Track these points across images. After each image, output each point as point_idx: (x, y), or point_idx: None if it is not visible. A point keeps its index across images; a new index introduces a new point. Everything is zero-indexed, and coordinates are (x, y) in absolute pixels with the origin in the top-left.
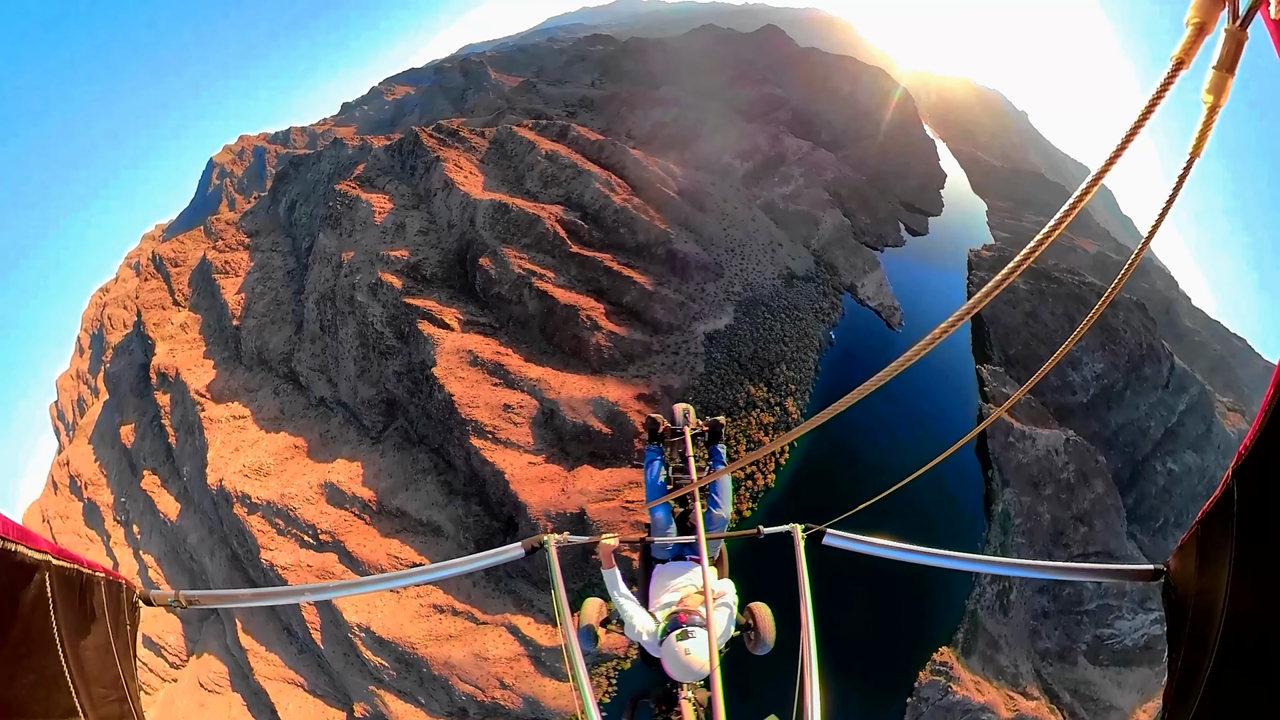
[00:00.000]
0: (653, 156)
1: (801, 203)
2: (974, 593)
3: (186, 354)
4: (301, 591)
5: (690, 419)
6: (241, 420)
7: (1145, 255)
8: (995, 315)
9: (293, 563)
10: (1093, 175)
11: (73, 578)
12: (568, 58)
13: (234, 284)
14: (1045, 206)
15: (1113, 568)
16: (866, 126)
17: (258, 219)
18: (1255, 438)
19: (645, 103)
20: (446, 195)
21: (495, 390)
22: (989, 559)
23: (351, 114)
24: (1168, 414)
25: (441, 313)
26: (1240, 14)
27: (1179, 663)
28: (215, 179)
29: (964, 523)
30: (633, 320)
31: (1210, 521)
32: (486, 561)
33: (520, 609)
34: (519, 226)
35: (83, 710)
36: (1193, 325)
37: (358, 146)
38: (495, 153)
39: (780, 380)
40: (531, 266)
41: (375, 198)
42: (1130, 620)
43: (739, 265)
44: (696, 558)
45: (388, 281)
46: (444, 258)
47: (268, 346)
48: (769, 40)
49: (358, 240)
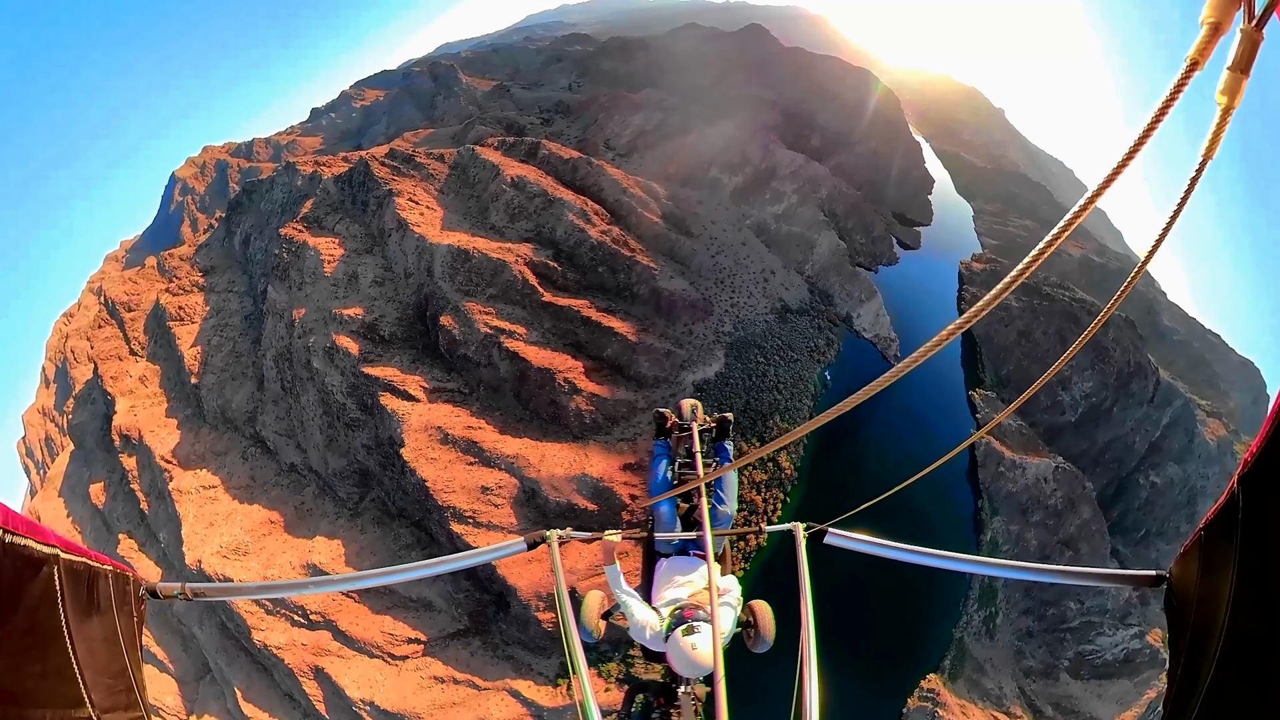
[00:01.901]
0: (633, 174)
1: (795, 223)
2: (961, 621)
3: (148, 412)
4: (305, 585)
5: (698, 415)
6: (212, 490)
7: (1126, 255)
8: (988, 334)
9: (286, 642)
10: (1105, 176)
11: (80, 571)
12: (544, 58)
13: (190, 333)
14: (1030, 208)
15: (1115, 572)
16: (855, 130)
17: (212, 253)
18: (1261, 446)
19: (625, 107)
20: (401, 238)
21: (471, 471)
22: (989, 560)
23: (319, 122)
24: (1152, 428)
25: (404, 382)
26: (1256, 14)
27: (1179, 669)
28: (178, 195)
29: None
30: (615, 376)
31: (1214, 529)
32: (489, 556)
33: (519, 673)
34: (482, 275)
35: (90, 701)
36: (1172, 324)
37: (308, 176)
38: (456, 180)
39: (774, 434)
40: (499, 323)
41: (324, 242)
42: (1111, 636)
43: (729, 299)
44: (701, 554)
45: (343, 347)
46: (402, 313)
47: (230, 405)
48: (754, 39)
49: (308, 294)
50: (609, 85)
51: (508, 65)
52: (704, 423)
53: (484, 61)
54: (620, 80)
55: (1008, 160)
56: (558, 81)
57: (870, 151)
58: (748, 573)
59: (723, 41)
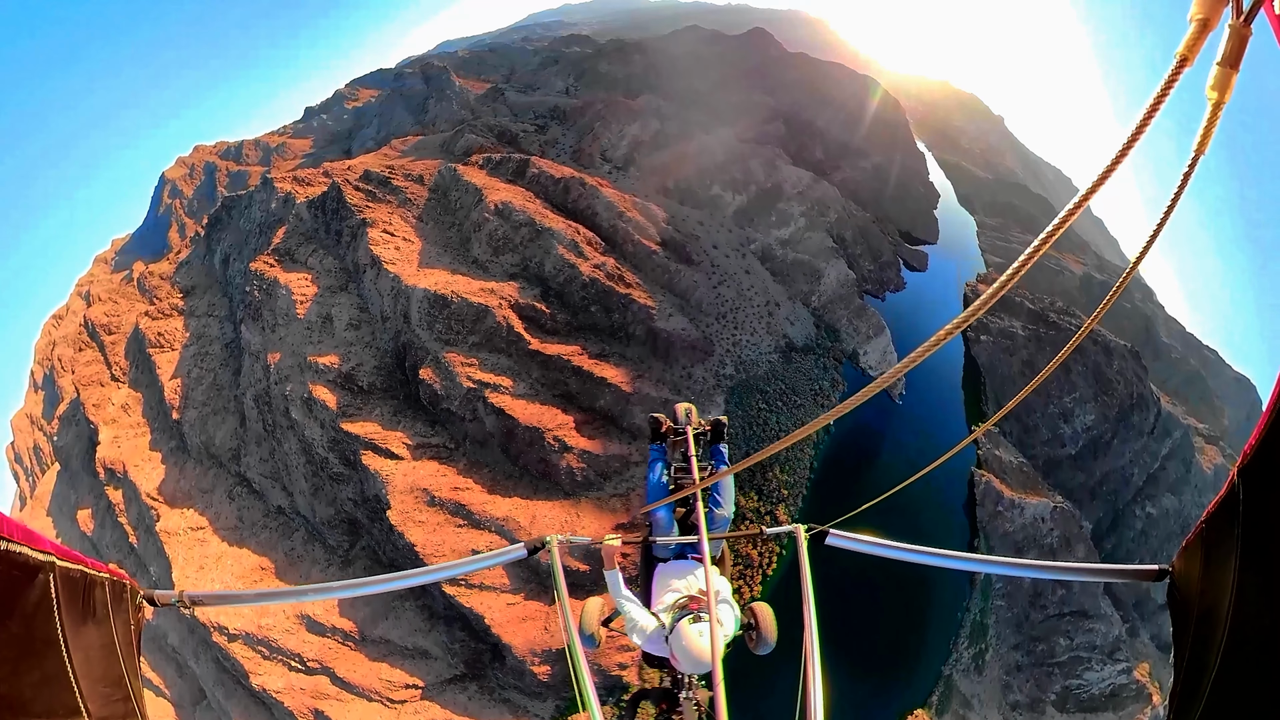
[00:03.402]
0: (630, 190)
1: (802, 249)
2: (950, 659)
3: (131, 444)
4: (305, 591)
5: (693, 418)
6: (200, 531)
7: (1124, 268)
8: (992, 364)
9: (284, 686)
10: (1100, 173)
11: (76, 578)
12: (541, 59)
13: (170, 361)
14: (1031, 222)
15: (1117, 567)
16: (860, 140)
17: (193, 270)
18: (1260, 438)
19: (623, 114)
20: (376, 276)
21: (460, 533)
22: (989, 559)
23: (310, 123)
24: (1151, 460)
25: (386, 440)
26: (1244, 9)
27: (1184, 663)
28: (166, 198)
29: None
30: (608, 428)
31: (1215, 521)
32: (491, 561)
33: (517, 715)
34: (463, 322)
35: (86, 709)
36: (1169, 340)
37: (282, 199)
38: (436, 205)
39: (773, 487)
40: (483, 377)
41: (296, 279)
42: (1098, 671)
43: (731, 337)
44: (698, 557)
45: (321, 399)
46: (380, 361)
47: (214, 441)
48: (757, 43)
49: (282, 338)
50: (606, 89)
51: (504, 66)
52: (699, 426)
53: (480, 62)
54: (618, 84)
55: (1007, 169)
56: (554, 85)
57: (876, 166)
58: (767, 580)
59: (724, 45)
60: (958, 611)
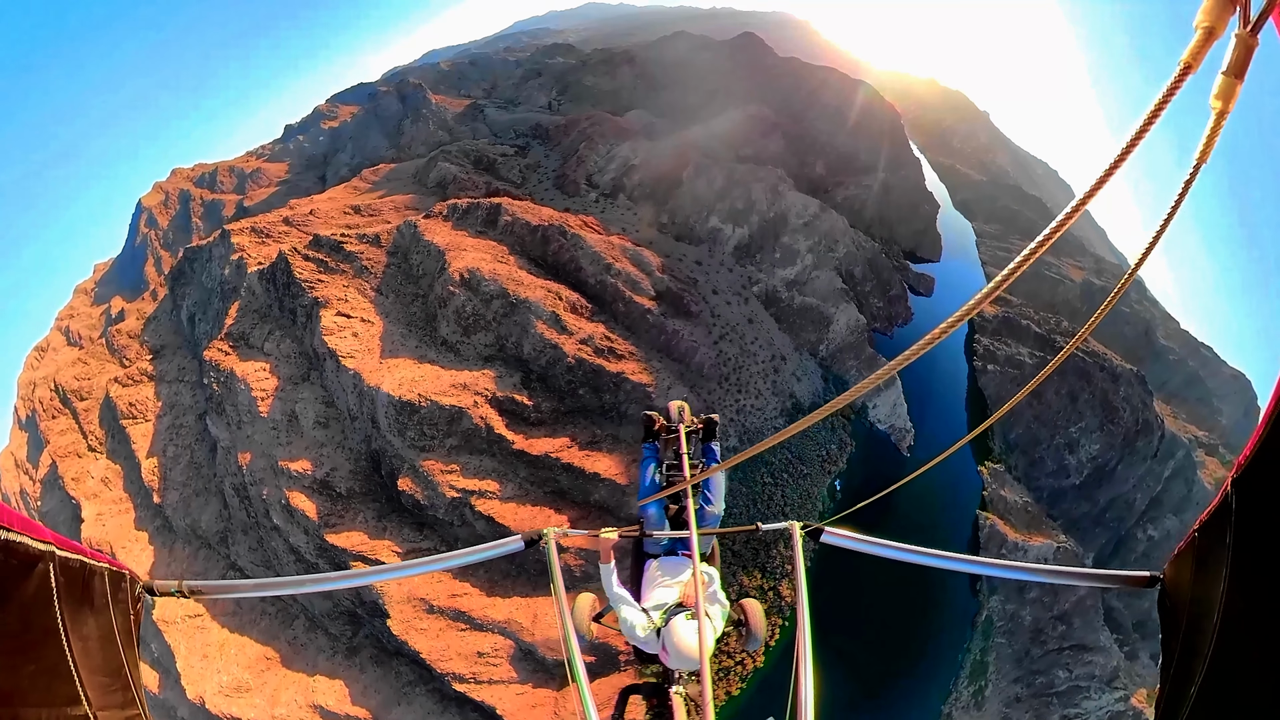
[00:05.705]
0: (619, 227)
1: (810, 292)
2: (950, 697)
3: (116, 521)
4: (303, 581)
5: (685, 416)
6: (199, 619)
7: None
8: (999, 396)
9: None
10: (1098, 178)
11: (76, 568)
12: (523, 71)
13: (144, 434)
14: (1030, 226)
15: (1109, 573)
16: (859, 150)
17: (160, 328)
18: (1254, 449)
19: (611, 134)
20: (336, 370)
21: (463, 636)
22: (984, 560)
23: (287, 144)
24: (1154, 483)
25: (374, 550)
26: (1252, 19)
27: (1171, 670)
28: (143, 227)
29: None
30: (605, 519)
31: (1207, 530)
32: (490, 554)
33: None
34: (436, 426)
35: (86, 699)
36: (1167, 342)
37: (235, 264)
38: (396, 272)
39: (777, 563)
40: (466, 484)
41: (254, 370)
42: (1097, 700)
43: (734, 403)
44: (689, 553)
45: (300, 509)
46: (355, 465)
47: (199, 524)
48: (748, 49)
49: (249, 436)
50: (593, 104)
51: (485, 80)
52: (691, 424)
53: (460, 75)
54: (604, 98)
55: (999, 169)
56: (536, 99)
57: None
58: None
59: (714, 51)
60: (958, 654)
